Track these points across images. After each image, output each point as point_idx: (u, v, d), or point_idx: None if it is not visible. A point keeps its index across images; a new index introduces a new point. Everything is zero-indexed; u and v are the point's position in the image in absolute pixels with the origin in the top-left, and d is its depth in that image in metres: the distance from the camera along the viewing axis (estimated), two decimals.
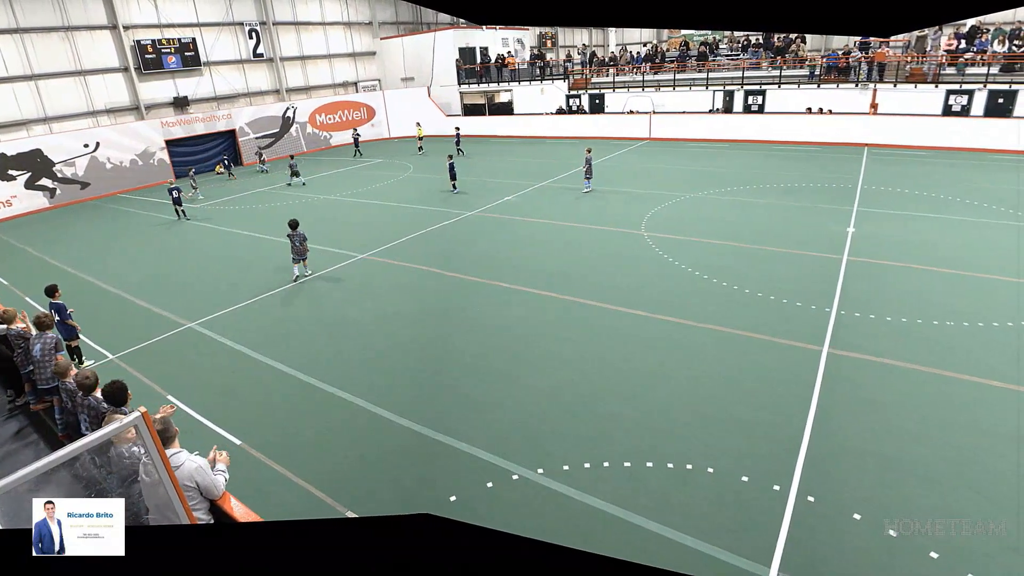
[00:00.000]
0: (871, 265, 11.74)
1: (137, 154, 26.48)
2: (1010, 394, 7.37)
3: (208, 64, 29.66)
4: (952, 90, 23.93)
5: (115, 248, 16.98)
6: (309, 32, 34.55)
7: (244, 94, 31.68)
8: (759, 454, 6.55)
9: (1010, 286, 10.47)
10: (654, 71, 32.63)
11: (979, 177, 18.80)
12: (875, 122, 24.89)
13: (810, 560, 5.19)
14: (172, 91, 28.46)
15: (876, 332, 9.07)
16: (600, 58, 37.88)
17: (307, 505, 6.20)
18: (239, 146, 30.55)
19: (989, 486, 5.92)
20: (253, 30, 31.37)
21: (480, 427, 7.35)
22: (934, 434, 6.73)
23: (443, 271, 12.93)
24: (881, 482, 6.04)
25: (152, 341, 10.40)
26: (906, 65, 26.11)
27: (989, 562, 5.04)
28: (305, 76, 34.80)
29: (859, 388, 7.69)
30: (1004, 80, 23.43)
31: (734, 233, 14.23)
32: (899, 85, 25.24)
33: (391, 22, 40.00)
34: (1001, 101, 22.98)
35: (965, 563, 5.04)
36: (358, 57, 37.80)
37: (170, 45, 27.51)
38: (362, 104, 36.46)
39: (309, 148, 33.79)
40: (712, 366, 8.45)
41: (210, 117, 29.12)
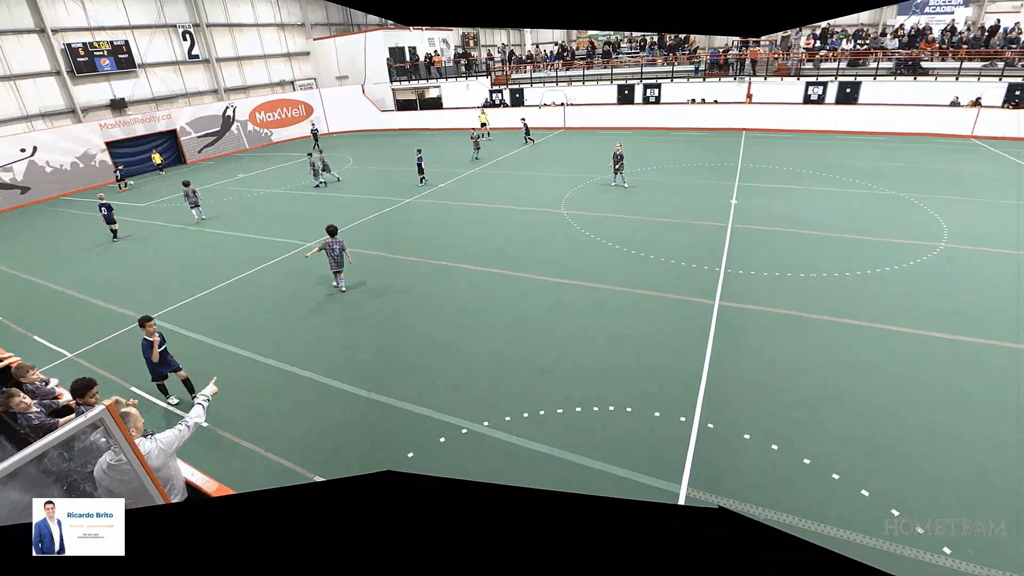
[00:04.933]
0: (751, 231, 12.44)
1: (77, 156, 23.93)
2: (863, 330, 8.09)
3: (144, 66, 27.02)
4: (810, 82, 25.40)
5: (62, 249, 15.42)
6: (243, 33, 32.09)
7: (183, 95, 29.18)
8: (667, 393, 6.90)
9: (860, 243, 11.40)
10: (566, 68, 32.66)
11: (834, 154, 20.20)
12: (750, 110, 26.11)
13: (711, 475, 5.57)
14: (108, 93, 25.80)
15: (757, 286, 9.68)
16: (518, 56, 37.46)
17: (276, 474, 6.01)
18: (181, 145, 28.25)
19: (848, 405, 6.52)
20: (187, 32, 28.78)
21: (429, 391, 7.32)
22: (805, 367, 7.31)
23: (387, 253, 12.61)
24: (765, 408, 6.52)
25: (110, 337, 9.61)
26: (774, 61, 27.41)
27: (852, 466, 5.60)
28: (242, 76, 32.43)
29: (745, 332, 8.21)
30: (851, 73, 25.11)
31: (638, 208, 14.66)
32: (768, 78, 26.51)
33: (323, 23, 37.77)
34: (849, 91, 24.65)
35: (831, 465, 5.56)
36: (293, 57, 35.56)
37: (102, 48, 24.82)
38: (300, 102, 34.47)
39: (251, 145, 31.73)
40: (624, 322, 8.75)
41: (150, 118, 26.66)
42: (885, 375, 6.99)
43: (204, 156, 29.12)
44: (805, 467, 5.57)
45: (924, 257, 10.49)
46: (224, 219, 16.44)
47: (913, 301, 8.81)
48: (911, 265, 10.14)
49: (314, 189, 19.86)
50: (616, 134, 27.02)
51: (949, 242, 11.15)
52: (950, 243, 11.10)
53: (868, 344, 7.69)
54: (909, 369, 7.09)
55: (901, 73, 24.10)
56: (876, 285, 9.43)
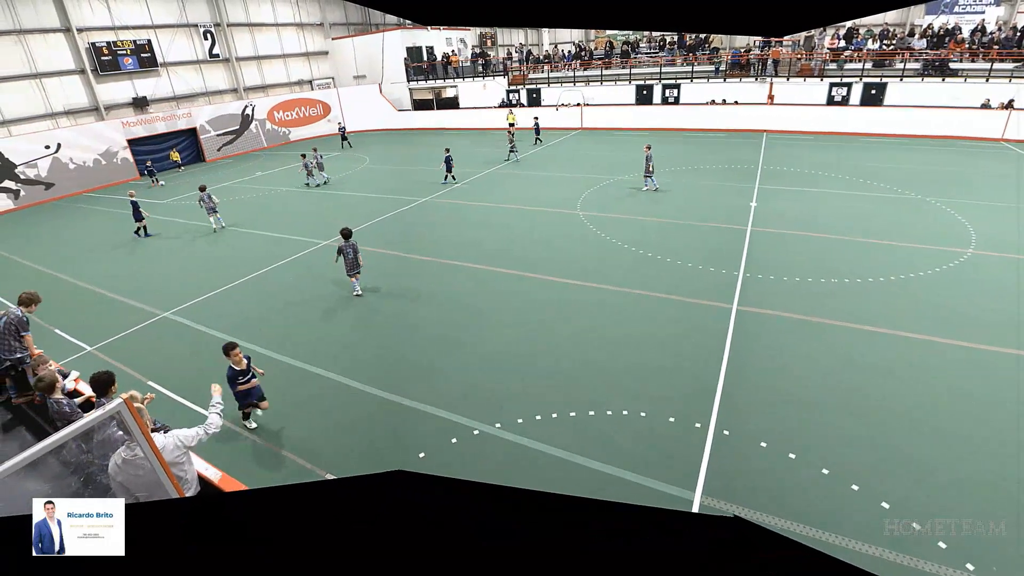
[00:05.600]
0: (771, 234, 12.28)
1: (100, 154, 24.50)
2: (884, 337, 7.94)
3: (165, 65, 27.58)
4: (834, 83, 24.99)
5: (84, 245, 15.78)
6: (263, 33, 32.58)
7: (203, 93, 29.71)
8: (683, 398, 6.84)
9: (885, 248, 11.19)
10: (583, 68, 32.58)
11: (858, 157, 19.85)
12: (772, 111, 25.77)
13: (727, 482, 5.50)
14: (131, 92, 26.37)
15: (776, 290, 9.54)
16: (536, 56, 37.47)
17: (289, 471, 6.08)
18: (201, 143, 28.77)
19: (869, 413, 6.40)
20: (208, 31, 29.30)
21: (441, 391, 7.34)
22: (822, 372, 7.19)
23: (401, 253, 12.69)
24: (782, 415, 6.42)
25: (129, 332, 9.81)
26: (797, 61, 27.04)
27: (871, 475, 5.49)
28: (261, 75, 32.92)
29: (762, 338, 8.10)
30: (876, 74, 24.66)
31: (655, 210, 14.56)
32: (791, 79, 26.15)
33: (341, 23, 38.19)
34: (874, 92, 24.21)
35: (851, 477, 5.46)
36: (311, 56, 36.00)
37: (125, 47, 25.38)
38: (318, 101, 34.88)
39: (269, 144, 32.18)
40: (640, 325, 8.69)
41: (170, 116, 27.20)
42: (907, 383, 6.84)
43: (223, 154, 29.61)
44: (823, 477, 5.47)
45: (951, 264, 10.25)
46: (242, 217, 16.69)
47: (938, 308, 8.61)
48: (937, 272, 9.92)
49: (321, 187, 20.05)
50: (634, 135, 26.87)
51: (977, 248, 10.88)
52: (978, 250, 10.83)
53: (889, 351, 7.54)
54: (932, 378, 6.93)
55: (929, 74, 23.61)
56: (900, 291, 9.24)
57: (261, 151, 31.33)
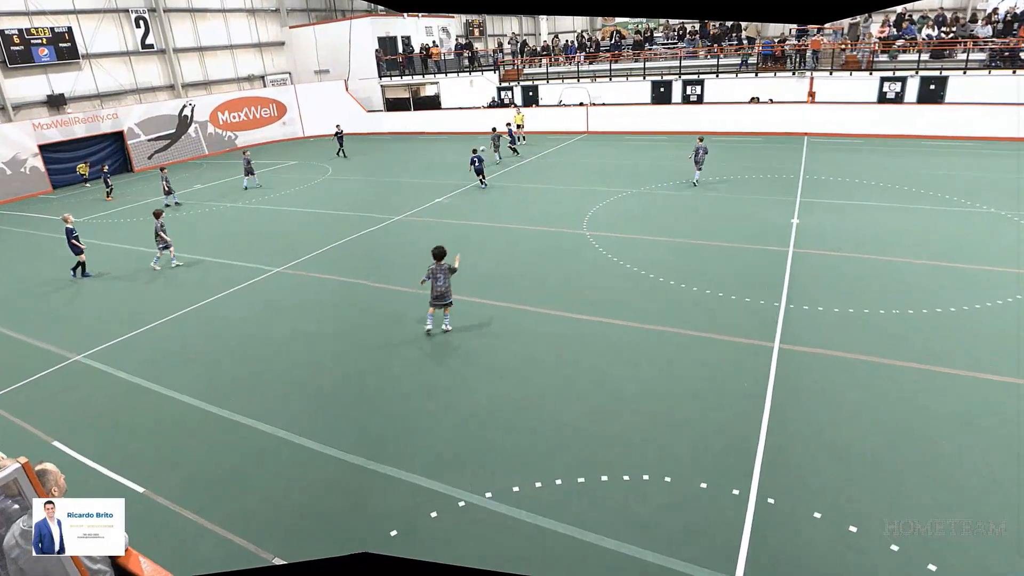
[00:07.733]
0: (817, 256, 12.41)
1: (4, 162, 24.61)
2: (957, 379, 7.95)
3: (88, 57, 28.04)
4: (886, 77, 25.68)
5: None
6: (207, 20, 33.30)
7: (133, 90, 30.15)
8: (716, 458, 6.77)
9: (950, 271, 11.31)
10: (589, 61, 33.38)
11: (916, 163, 20.27)
12: (813, 111, 26.39)
13: (774, 564, 5.40)
14: (46, 88, 26.72)
15: (826, 324, 9.58)
16: (532, 47, 38.41)
17: (226, 554, 5.92)
18: (128, 150, 28.99)
19: (945, 473, 6.34)
20: (141, 18, 29.92)
21: (417, 450, 7.23)
22: (886, 425, 7.15)
23: (367, 281, 12.70)
24: (839, 477, 6.36)
25: (31, 379, 9.66)
26: (840, 53, 27.82)
27: (951, 552, 5.40)
28: (204, 69, 33.49)
29: (811, 382, 8.08)
30: (935, 67, 25.38)
31: (679, 229, 14.71)
32: (835, 73, 26.87)
33: (301, 9, 39.15)
34: (933, 87, 24.87)
35: (926, 555, 5.37)
36: (265, 48, 36.74)
37: (41, 35, 25.83)
38: (271, 100, 35.46)
39: (212, 150, 32.50)
40: (661, 368, 8.67)
41: (92, 117, 27.51)
42: (990, 435, 6.81)
43: (156, 162, 29.83)
44: (892, 555, 5.39)
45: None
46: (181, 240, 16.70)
47: (1021, 344, 8.66)
48: (1018, 300, 10.02)
49: (284, 202, 20.19)
50: (650, 140, 27.37)
51: None
52: None
53: (966, 398, 7.54)
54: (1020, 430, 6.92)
55: (996, 65, 24.34)
56: (973, 324, 9.30)
57: (202, 159, 31.62)
